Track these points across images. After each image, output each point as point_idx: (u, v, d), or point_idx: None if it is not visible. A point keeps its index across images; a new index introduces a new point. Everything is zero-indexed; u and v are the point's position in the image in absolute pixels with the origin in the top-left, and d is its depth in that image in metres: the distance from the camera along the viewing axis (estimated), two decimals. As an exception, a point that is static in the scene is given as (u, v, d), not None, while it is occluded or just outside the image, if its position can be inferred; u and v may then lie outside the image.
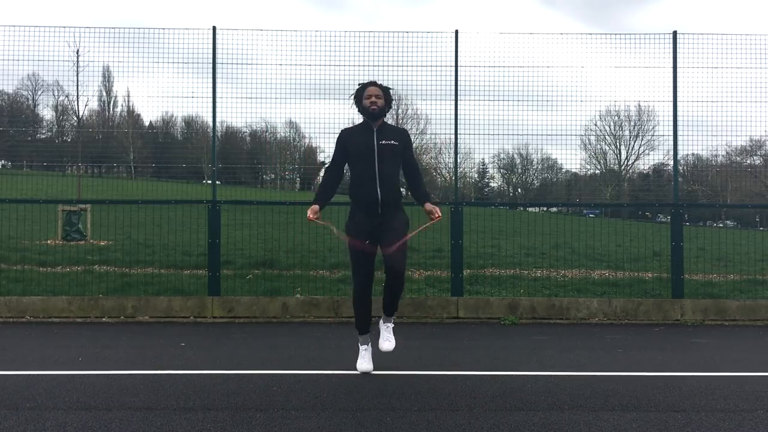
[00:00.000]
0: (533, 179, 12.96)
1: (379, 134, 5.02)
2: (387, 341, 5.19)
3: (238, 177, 11.50)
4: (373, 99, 5.02)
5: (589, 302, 8.26)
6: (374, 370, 5.19)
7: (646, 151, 11.35)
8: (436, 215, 4.96)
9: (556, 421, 3.92)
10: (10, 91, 10.98)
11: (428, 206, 5.02)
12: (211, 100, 8.46)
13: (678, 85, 8.48)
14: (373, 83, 5.15)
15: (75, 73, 8.95)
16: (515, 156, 11.95)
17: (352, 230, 5.01)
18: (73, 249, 11.82)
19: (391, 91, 5.21)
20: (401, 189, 5.20)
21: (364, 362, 5.16)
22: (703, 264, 10.02)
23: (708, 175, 10.96)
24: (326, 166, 5.24)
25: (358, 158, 5.00)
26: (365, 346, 5.22)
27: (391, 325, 5.29)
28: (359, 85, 5.18)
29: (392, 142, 5.00)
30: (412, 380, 4.95)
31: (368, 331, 5.22)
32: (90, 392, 4.52)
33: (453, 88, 8.43)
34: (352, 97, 5.18)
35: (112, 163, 12.76)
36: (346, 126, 5.44)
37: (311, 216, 4.89)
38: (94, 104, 10.72)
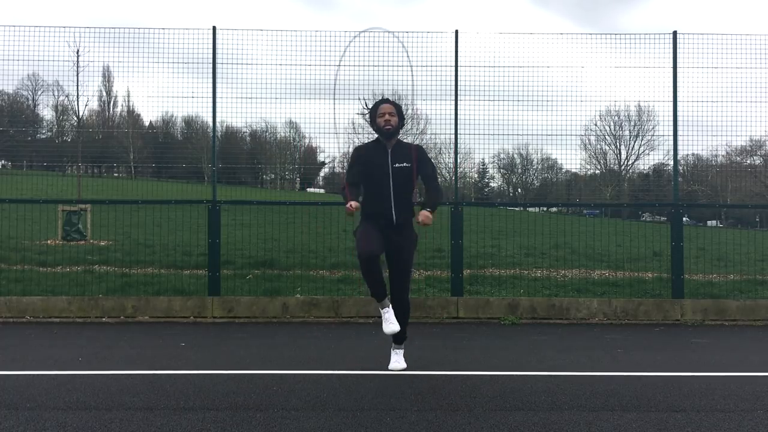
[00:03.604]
0: (533, 179, 12.96)
1: (393, 156, 5.02)
2: (396, 363, 5.24)
3: (238, 177, 11.50)
4: (387, 117, 5.00)
5: (589, 302, 8.26)
6: (376, 369, 5.20)
7: (646, 151, 11.36)
8: (420, 220, 4.92)
9: (556, 421, 3.92)
10: (10, 91, 10.99)
11: (422, 211, 4.96)
12: (211, 100, 8.46)
13: (678, 85, 8.48)
14: (386, 101, 5.12)
15: (75, 73, 8.96)
16: (515, 156, 11.97)
17: (363, 231, 4.98)
18: (73, 249, 11.81)
19: (403, 107, 5.21)
20: (413, 208, 5.18)
21: (390, 324, 4.96)
22: (703, 264, 10.01)
23: (708, 175, 10.96)
24: (346, 179, 5.09)
25: (373, 179, 5.00)
26: (386, 309, 5.02)
27: (401, 351, 5.32)
28: (371, 106, 5.18)
29: (405, 164, 5.00)
30: (412, 380, 4.95)
31: (385, 295, 5.02)
32: (90, 392, 4.52)
33: (453, 88, 8.43)
34: (365, 111, 5.19)
35: (112, 163, 12.77)
36: (346, 125, 5.44)
37: (353, 208, 4.84)
38: (94, 104, 10.73)
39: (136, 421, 3.86)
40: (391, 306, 5.05)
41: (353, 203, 4.86)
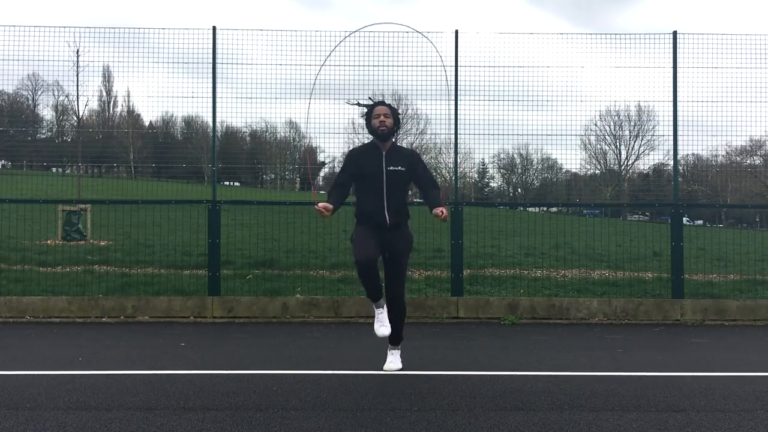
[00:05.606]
0: (533, 179, 12.97)
1: (387, 159, 5.01)
2: (390, 363, 5.24)
3: (238, 177, 11.50)
4: (382, 118, 5.01)
5: (589, 302, 8.26)
6: (376, 369, 5.20)
7: (646, 151, 11.36)
8: (441, 216, 4.85)
9: (556, 421, 3.92)
10: (10, 91, 10.99)
11: (434, 210, 4.90)
12: (211, 100, 8.46)
13: (678, 85, 8.48)
14: (381, 103, 5.14)
15: (75, 73, 8.96)
16: (515, 156, 11.97)
17: (358, 237, 4.96)
18: (73, 249, 11.81)
19: (399, 111, 5.23)
20: (408, 209, 5.17)
21: (382, 327, 4.98)
22: (703, 264, 10.01)
23: (708, 175, 10.96)
24: (331, 186, 5.12)
25: (366, 182, 5.00)
26: (380, 310, 5.03)
27: (397, 352, 5.32)
28: (368, 103, 5.19)
29: (399, 168, 5.00)
30: (412, 380, 4.95)
31: (381, 296, 5.02)
32: (90, 392, 4.52)
33: (453, 88, 8.43)
34: (362, 114, 5.20)
35: (112, 163, 12.77)
36: (346, 125, 5.45)
37: (323, 209, 4.82)
38: (94, 104, 10.73)
39: (136, 421, 3.86)
40: (385, 308, 5.06)
41: (321, 204, 4.84)
